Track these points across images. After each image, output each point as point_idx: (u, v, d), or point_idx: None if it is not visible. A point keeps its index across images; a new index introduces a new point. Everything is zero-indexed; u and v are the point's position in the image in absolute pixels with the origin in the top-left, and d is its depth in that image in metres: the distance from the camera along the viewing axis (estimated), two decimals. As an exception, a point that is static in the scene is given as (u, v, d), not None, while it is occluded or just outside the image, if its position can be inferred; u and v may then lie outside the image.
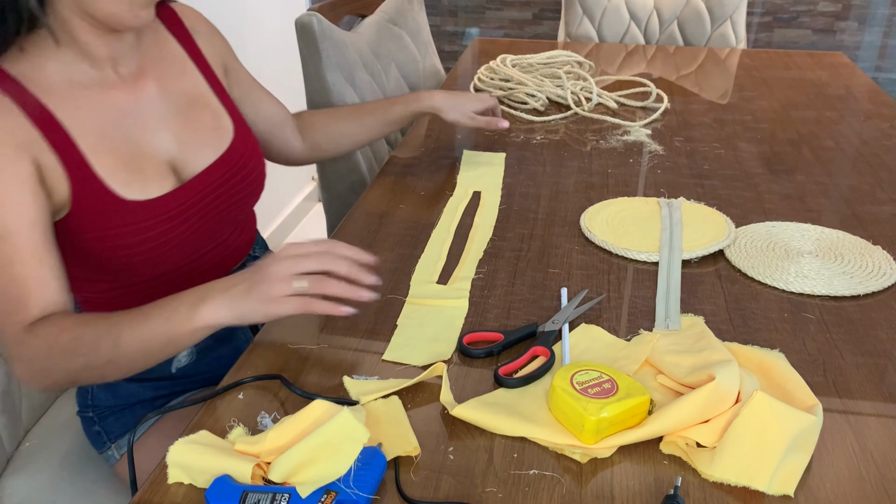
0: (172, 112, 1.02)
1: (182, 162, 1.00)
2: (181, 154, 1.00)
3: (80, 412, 1.11)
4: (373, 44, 1.83)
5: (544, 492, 0.68)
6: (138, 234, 0.94)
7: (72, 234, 0.92)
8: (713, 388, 0.72)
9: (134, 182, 0.94)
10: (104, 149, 0.93)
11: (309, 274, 0.82)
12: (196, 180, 1.01)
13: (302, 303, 0.80)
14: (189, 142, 1.02)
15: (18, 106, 0.87)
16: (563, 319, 0.91)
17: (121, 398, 1.09)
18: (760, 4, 3.57)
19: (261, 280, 0.81)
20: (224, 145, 1.05)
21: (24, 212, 0.85)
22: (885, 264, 1.06)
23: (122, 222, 0.93)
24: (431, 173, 1.37)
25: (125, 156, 0.95)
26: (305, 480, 0.66)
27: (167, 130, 1.00)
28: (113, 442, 1.09)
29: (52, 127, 0.89)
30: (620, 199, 1.25)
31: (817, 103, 1.78)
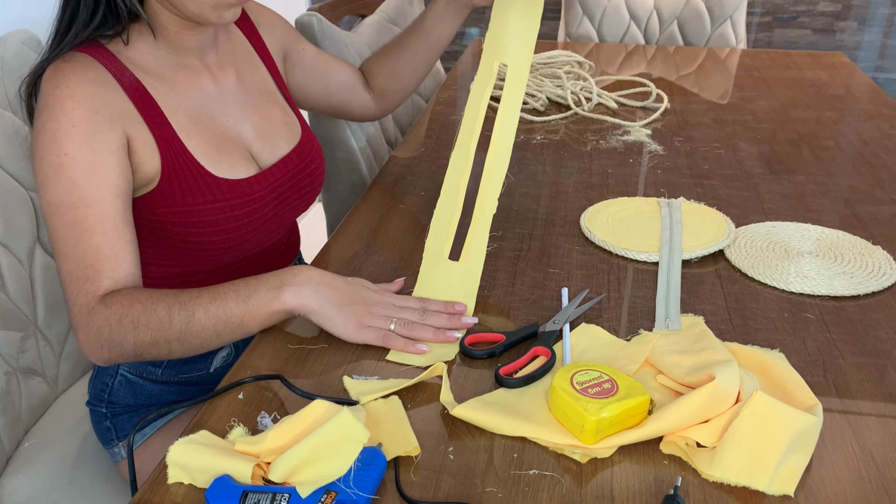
0: (250, 103, 1.07)
1: (259, 151, 1.05)
2: (258, 143, 1.05)
3: (91, 404, 1.11)
4: (373, 44, 1.83)
5: (544, 492, 0.68)
6: (227, 212, 0.98)
7: (157, 208, 0.95)
8: (713, 388, 0.72)
9: (222, 162, 0.99)
10: (194, 129, 0.97)
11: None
12: (274, 168, 1.05)
13: (384, 337, 0.86)
14: (265, 133, 1.06)
15: (117, 80, 0.91)
16: (564, 319, 0.91)
17: (141, 398, 1.09)
18: (760, 4, 3.57)
19: (363, 301, 0.88)
20: (295, 140, 1.10)
21: (111, 181, 0.88)
22: (885, 264, 1.06)
23: (212, 198, 0.97)
24: (431, 173, 1.37)
25: (212, 138, 0.99)
26: (305, 480, 0.66)
27: (246, 120, 1.05)
28: (121, 440, 1.09)
29: (146, 103, 0.93)
30: (620, 199, 1.25)
31: (817, 103, 1.78)
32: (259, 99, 1.09)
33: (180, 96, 0.98)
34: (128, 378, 1.09)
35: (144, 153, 0.92)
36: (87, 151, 0.87)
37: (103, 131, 0.88)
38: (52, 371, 1.20)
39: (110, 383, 1.09)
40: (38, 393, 1.17)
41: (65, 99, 0.87)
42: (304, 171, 1.10)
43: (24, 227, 1.14)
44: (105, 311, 0.85)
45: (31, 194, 1.16)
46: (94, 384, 1.11)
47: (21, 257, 1.13)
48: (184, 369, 1.10)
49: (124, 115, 0.91)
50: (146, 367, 1.08)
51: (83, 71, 0.89)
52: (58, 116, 0.87)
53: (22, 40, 1.17)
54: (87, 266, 0.86)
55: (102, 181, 0.87)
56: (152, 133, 0.93)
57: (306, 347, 0.88)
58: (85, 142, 0.87)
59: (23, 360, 1.13)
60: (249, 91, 1.08)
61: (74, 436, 1.14)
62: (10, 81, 1.13)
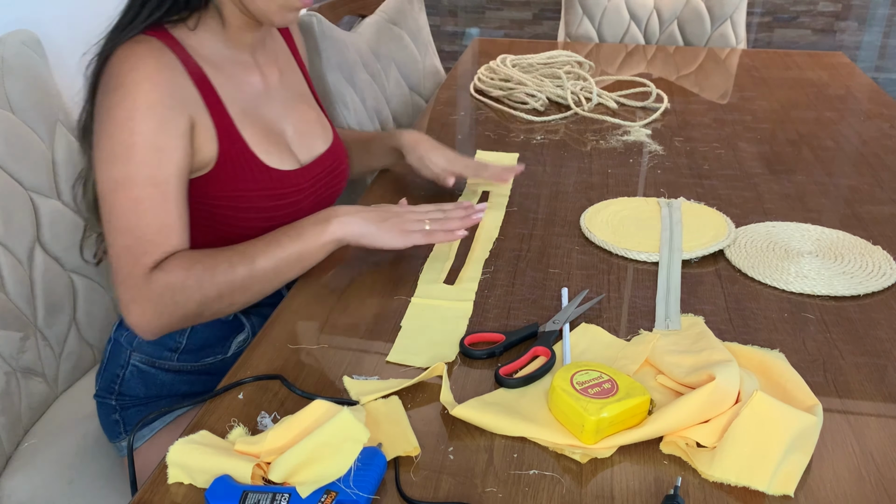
0: (290, 103, 1.12)
1: (297, 148, 1.10)
2: (297, 141, 1.10)
3: (99, 397, 1.11)
4: (373, 44, 1.83)
5: (544, 492, 0.68)
6: (274, 200, 1.03)
7: (209, 191, 0.99)
8: (713, 389, 0.72)
9: (272, 153, 1.04)
10: (247, 120, 1.02)
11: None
12: (314, 164, 1.11)
13: (426, 235, 1.00)
14: (303, 132, 1.12)
15: (183, 67, 0.95)
16: (564, 319, 0.91)
17: (153, 389, 1.10)
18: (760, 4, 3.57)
19: (395, 214, 1.01)
20: (328, 140, 1.16)
21: (176, 164, 0.92)
22: (885, 264, 1.06)
23: (262, 186, 1.02)
24: (431, 173, 1.37)
25: (262, 130, 1.04)
26: (305, 480, 0.66)
27: (287, 118, 1.10)
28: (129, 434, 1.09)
29: (208, 91, 0.98)
30: (620, 199, 1.25)
31: (817, 103, 1.78)
32: (297, 100, 1.14)
33: (235, 88, 1.02)
34: (140, 368, 1.09)
35: (204, 139, 0.97)
36: (160, 133, 0.90)
37: (175, 115, 0.92)
38: (52, 371, 1.20)
39: (121, 374, 1.09)
40: (38, 393, 1.17)
41: (143, 80, 0.90)
42: (335, 170, 1.15)
43: (25, 227, 1.14)
44: (165, 277, 0.90)
45: (31, 194, 1.16)
46: (104, 376, 1.11)
47: (21, 257, 1.13)
48: (200, 355, 1.11)
49: (190, 101, 0.95)
50: (162, 354, 1.09)
51: (157, 55, 0.93)
52: (134, 96, 0.89)
53: (22, 40, 1.17)
54: (147, 241, 0.91)
55: (170, 163, 0.92)
56: (213, 120, 0.97)
57: (306, 347, 0.88)
58: (159, 123, 0.90)
59: (23, 360, 1.13)
60: (289, 91, 1.13)
61: (74, 436, 1.14)
62: (10, 81, 1.13)
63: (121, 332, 1.09)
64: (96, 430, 1.15)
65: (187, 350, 1.10)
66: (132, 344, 1.08)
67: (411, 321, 0.93)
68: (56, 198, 1.21)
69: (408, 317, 0.94)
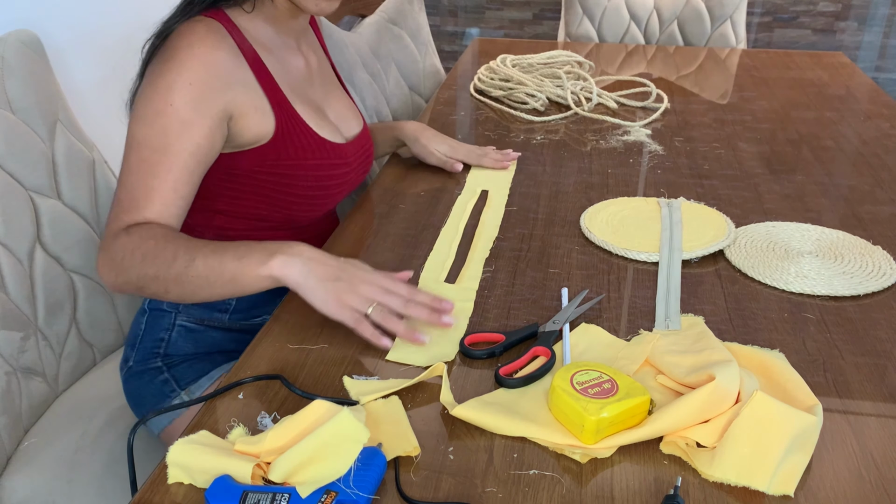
0: (329, 87, 1.20)
1: (340, 126, 1.17)
2: (338, 120, 1.18)
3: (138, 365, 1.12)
4: (373, 44, 1.83)
5: (544, 492, 0.68)
6: (329, 170, 1.10)
7: (267, 159, 1.04)
8: (713, 389, 0.72)
9: (324, 127, 1.11)
10: (298, 98, 1.09)
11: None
12: (355, 141, 1.18)
13: (356, 320, 0.86)
14: (341, 113, 1.20)
15: (239, 48, 1.01)
16: (564, 319, 0.91)
17: (202, 346, 1.13)
18: (760, 4, 3.57)
19: (348, 281, 0.87)
20: (360, 123, 1.23)
21: (196, 141, 0.95)
22: (885, 264, 1.06)
23: (318, 155, 1.08)
24: (431, 173, 1.37)
25: (312, 106, 1.11)
26: (305, 480, 0.66)
27: (327, 100, 1.18)
28: (183, 389, 1.11)
29: (262, 71, 1.03)
30: (620, 199, 1.25)
31: (817, 103, 1.78)
32: (332, 87, 1.22)
33: (284, 69, 1.08)
34: (187, 327, 1.13)
35: (257, 117, 1.01)
36: (190, 109, 0.94)
37: (213, 96, 0.96)
38: (52, 371, 1.20)
39: (166, 337, 1.12)
40: (38, 393, 1.17)
41: (192, 58, 0.95)
42: (367, 151, 1.22)
43: (24, 227, 1.14)
44: (125, 239, 0.92)
45: (31, 194, 1.16)
46: (143, 343, 1.13)
47: (21, 257, 1.13)
48: (251, 314, 1.15)
49: (241, 83, 1.00)
50: (212, 314, 1.13)
51: (215, 36, 0.98)
52: (180, 70, 0.94)
53: (22, 40, 1.17)
54: (135, 200, 0.93)
55: (190, 139, 0.95)
56: (267, 98, 1.03)
57: (306, 347, 0.88)
58: (193, 100, 0.94)
59: (23, 360, 1.13)
60: (326, 78, 1.21)
61: (74, 436, 1.14)
62: (10, 81, 1.13)
63: (159, 301, 1.12)
64: (96, 429, 1.15)
65: (237, 310, 1.14)
66: (178, 306, 1.12)
67: (411, 320, 0.93)
68: (56, 198, 1.21)
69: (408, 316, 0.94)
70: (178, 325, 1.13)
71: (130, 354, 1.14)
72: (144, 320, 1.14)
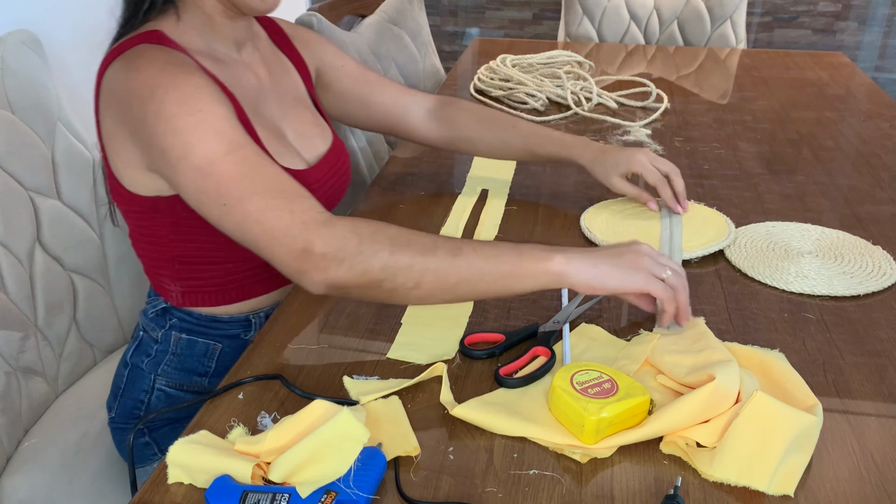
0: (285, 104, 1.07)
1: (300, 148, 1.05)
2: (298, 141, 1.06)
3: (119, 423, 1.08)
4: (373, 44, 1.83)
5: (544, 492, 0.68)
6: None
7: None
8: (713, 389, 0.72)
9: (283, 153, 0.99)
10: (255, 119, 0.97)
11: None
12: (319, 165, 1.06)
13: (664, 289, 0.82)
14: (302, 132, 1.07)
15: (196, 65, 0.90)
16: (564, 319, 0.91)
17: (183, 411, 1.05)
18: (760, 4, 3.57)
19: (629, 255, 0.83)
20: (328, 141, 1.11)
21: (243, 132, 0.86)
22: (885, 264, 1.06)
23: None
24: (431, 173, 1.37)
25: (268, 128, 1.00)
26: (305, 480, 0.66)
27: (285, 118, 1.06)
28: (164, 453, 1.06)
29: (223, 88, 0.92)
30: (620, 199, 1.25)
31: (817, 103, 1.78)
32: (291, 102, 1.09)
33: (235, 85, 0.97)
34: (166, 392, 1.06)
35: None
36: (217, 105, 0.85)
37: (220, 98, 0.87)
38: (52, 371, 1.20)
39: (146, 400, 1.06)
40: (38, 393, 1.17)
41: (177, 74, 0.85)
42: (339, 170, 1.11)
43: (24, 227, 1.14)
44: (350, 223, 0.80)
45: (31, 194, 1.16)
46: (122, 402, 1.07)
47: (21, 257, 1.13)
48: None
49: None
50: (191, 378, 1.06)
51: (169, 57, 0.88)
52: (177, 84, 0.84)
53: (22, 40, 1.17)
54: (283, 190, 0.82)
55: (240, 130, 0.85)
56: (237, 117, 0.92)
57: (306, 347, 0.88)
58: (213, 97, 0.85)
59: (23, 360, 1.13)
60: (283, 93, 1.08)
61: (74, 436, 1.14)
62: (10, 81, 1.13)
63: (139, 357, 1.06)
64: (96, 429, 1.15)
65: (217, 374, 1.07)
66: (157, 369, 1.05)
67: (412, 319, 0.93)
68: (56, 198, 1.21)
69: (408, 314, 0.94)
70: (157, 390, 1.05)
71: (113, 405, 1.09)
72: (126, 374, 1.07)
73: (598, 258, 0.82)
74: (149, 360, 1.06)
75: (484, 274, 0.80)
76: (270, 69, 1.08)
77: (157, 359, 1.06)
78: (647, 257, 0.83)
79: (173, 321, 1.05)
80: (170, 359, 1.06)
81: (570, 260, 0.81)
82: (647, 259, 0.83)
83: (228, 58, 1.00)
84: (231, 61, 1.00)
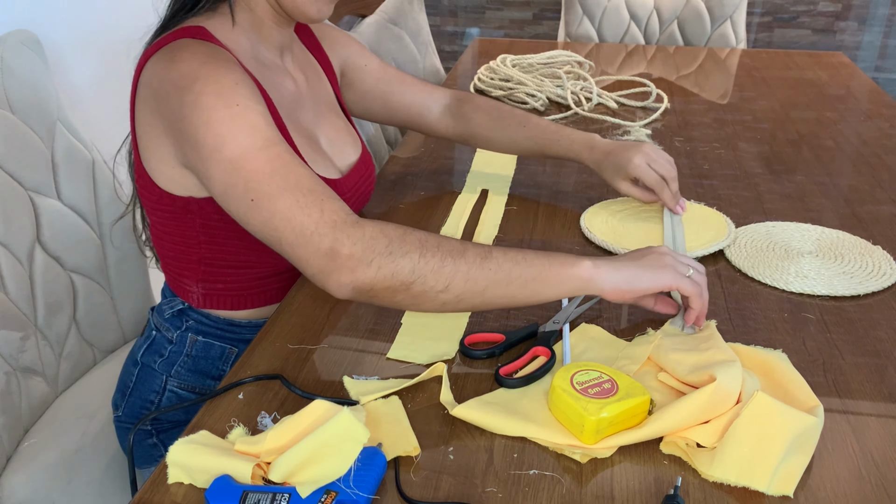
0: (320, 110, 1.08)
1: (333, 156, 1.06)
2: (331, 149, 1.07)
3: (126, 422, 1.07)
4: (373, 44, 1.83)
5: (544, 492, 0.68)
6: None
7: None
8: (714, 389, 0.72)
9: (318, 161, 1.00)
10: (291, 124, 0.98)
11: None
12: (351, 174, 1.07)
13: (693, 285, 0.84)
14: (335, 140, 1.08)
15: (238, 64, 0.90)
16: (564, 319, 0.91)
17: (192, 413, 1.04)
18: (760, 4, 3.57)
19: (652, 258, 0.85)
20: (358, 150, 1.13)
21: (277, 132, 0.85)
22: (885, 264, 1.06)
23: None
24: (431, 173, 1.37)
25: (304, 135, 1.00)
26: (305, 480, 0.66)
27: (319, 125, 1.06)
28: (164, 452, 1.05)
29: (262, 90, 0.93)
30: (620, 199, 1.25)
31: (817, 103, 1.78)
32: (326, 108, 1.10)
33: (276, 90, 0.98)
34: (179, 394, 1.06)
35: None
36: (255, 102, 0.85)
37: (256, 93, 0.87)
38: (52, 371, 1.20)
39: (156, 400, 1.06)
40: (38, 393, 1.17)
41: (218, 67, 0.85)
42: (367, 179, 1.12)
43: (24, 227, 1.14)
44: (379, 225, 0.79)
45: (31, 194, 1.16)
46: (133, 397, 1.07)
47: (21, 257, 1.13)
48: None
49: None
50: (204, 382, 1.06)
51: (217, 53, 0.88)
52: (217, 78, 0.84)
53: (22, 40, 1.17)
54: (312, 190, 0.80)
55: (274, 128, 0.85)
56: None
57: (306, 347, 0.88)
58: (251, 94, 0.85)
59: (23, 360, 1.13)
60: (317, 99, 1.09)
61: (74, 435, 1.14)
62: (10, 81, 1.13)
63: (151, 356, 1.06)
64: (96, 429, 1.15)
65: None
66: (170, 370, 1.05)
67: (412, 318, 0.93)
68: (56, 198, 1.21)
69: (408, 314, 0.94)
70: (168, 391, 1.05)
71: (120, 403, 1.09)
72: (136, 373, 1.07)
73: (622, 262, 0.84)
74: (162, 360, 1.06)
75: (514, 278, 0.79)
76: (307, 75, 1.09)
77: (171, 360, 1.05)
78: (668, 256, 0.85)
79: (190, 323, 1.05)
80: (184, 360, 1.05)
81: (597, 265, 0.82)
82: (669, 258, 0.85)
83: (271, 62, 1.01)
84: (273, 66, 1.01)
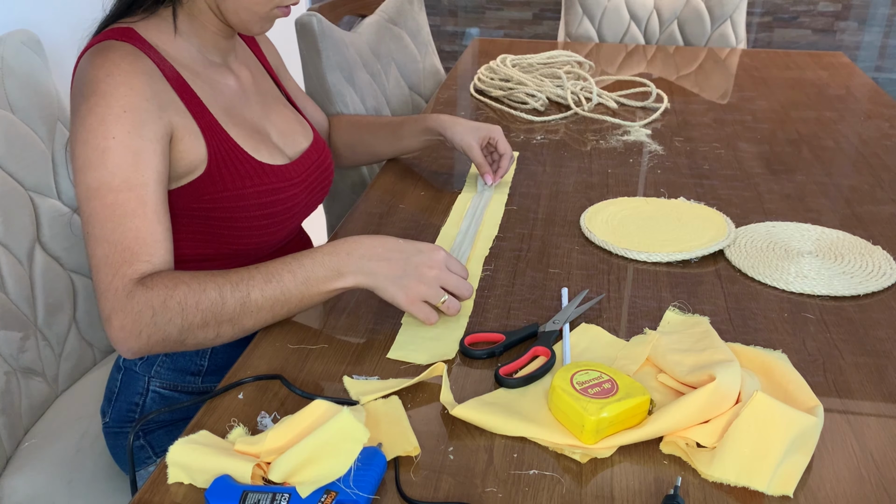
0: (267, 103, 1.12)
1: (282, 145, 1.10)
2: (281, 139, 1.10)
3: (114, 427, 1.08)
4: (373, 44, 1.83)
5: (544, 492, 0.68)
6: (272, 195, 1.02)
7: (204, 194, 0.97)
8: (714, 389, 0.72)
9: (262, 150, 1.03)
10: (231, 120, 1.01)
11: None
12: (301, 159, 1.10)
13: (428, 314, 0.88)
14: (284, 130, 1.12)
15: (161, 71, 0.93)
16: (564, 319, 0.91)
17: (178, 413, 1.07)
18: (760, 4, 3.57)
19: (414, 273, 0.87)
20: (309, 136, 1.16)
21: (154, 168, 0.89)
22: (885, 264, 1.06)
23: (258, 181, 1.00)
24: (431, 173, 1.37)
25: (247, 129, 1.03)
26: (305, 480, 0.66)
27: (267, 117, 1.10)
28: (160, 456, 1.06)
29: (188, 94, 0.96)
30: (620, 199, 1.25)
31: (817, 103, 1.78)
32: (272, 101, 1.14)
33: (213, 90, 1.01)
34: (161, 394, 1.06)
35: (190, 141, 0.94)
36: (135, 136, 0.87)
37: (151, 120, 0.89)
38: (52, 371, 1.20)
39: (141, 402, 1.06)
40: (38, 393, 1.17)
41: (118, 85, 0.88)
42: (321, 165, 1.15)
43: (24, 227, 1.14)
44: (146, 294, 0.83)
45: (31, 194, 1.16)
46: (117, 406, 1.08)
47: (21, 257, 1.13)
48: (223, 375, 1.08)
49: (170, 105, 0.92)
50: (184, 378, 1.07)
51: (133, 61, 0.90)
52: (108, 101, 0.87)
53: (22, 40, 1.17)
54: (126, 249, 0.85)
55: (146, 167, 0.88)
56: (196, 122, 0.95)
57: (306, 347, 0.88)
58: (133, 127, 0.87)
59: (23, 360, 1.13)
60: (264, 93, 1.12)
61: (74, 436, 1.14)
62: (10, 81, 1.13)
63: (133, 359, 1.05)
64: (96, 430, 1.15)
65: (210, 372, 1.08)
66: (150, 370, 1.06)
67: (412, 319, 0.93)
68: (56, 198, 1.21)
69: (408, 314, 0.94)
70: (151, 391, 1.06)
71: (107, 409, 1.09)
72: (120, 378, 1.08)
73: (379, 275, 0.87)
74: (142, 362, 1.06)
75: (276, 310, 0.86)
76: (252, 70, 1.12)
77: (150, 360, 1.06)
78: (435, 270, 0.88)
79: None
80: (162, 360, 1.06)
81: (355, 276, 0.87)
82: (435, 272, 0.88)
83: (213, 65, 1.03)
84: (214, 68, 1.03)
